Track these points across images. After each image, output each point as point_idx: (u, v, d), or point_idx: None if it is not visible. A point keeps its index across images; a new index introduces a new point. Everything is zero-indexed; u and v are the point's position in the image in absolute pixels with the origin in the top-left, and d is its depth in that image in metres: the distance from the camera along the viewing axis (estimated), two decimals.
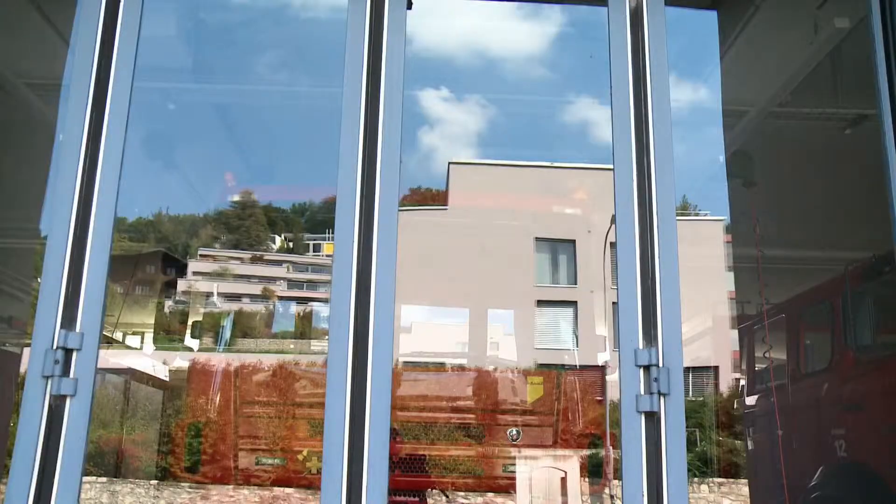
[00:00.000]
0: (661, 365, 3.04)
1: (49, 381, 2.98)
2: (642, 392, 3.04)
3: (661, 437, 2.99)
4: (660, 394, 3.01)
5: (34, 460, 2.92)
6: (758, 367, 7.22)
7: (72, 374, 3.00)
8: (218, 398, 10.74)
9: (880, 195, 3.48)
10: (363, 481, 2.95)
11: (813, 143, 5.81)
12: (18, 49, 5.06)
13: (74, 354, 3.02)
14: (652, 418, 3.01)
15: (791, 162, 6.03)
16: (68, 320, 3.06)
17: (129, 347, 13.89)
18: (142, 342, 14.27)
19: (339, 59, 3.44)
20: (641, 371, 3.05)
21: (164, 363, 13.42)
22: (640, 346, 3.08)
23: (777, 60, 5.33)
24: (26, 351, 3.30)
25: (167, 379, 12.71)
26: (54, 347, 3.01)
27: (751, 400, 7.46)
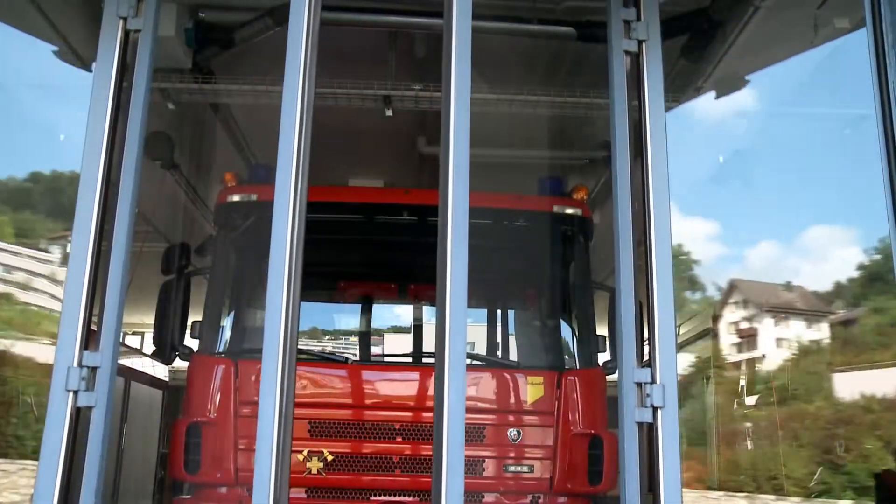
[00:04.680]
0: (657, 381, 3.24)
1: (72, 395, 3.18)
2: (637, 405, 3.24)
3: (658, 445, 3.19)
4: (654, 407, 3.21)
5: (58, 464, 3.11)
6: None
7: (94, 389, 3.21)
8: None
9: None
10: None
11: None
12: None
13: (96, 370, 3.23)
14: (648, 429, 3.22)
15: None
16: (89, 340, 3.26)
17: None
18: None
19: None
20: (637, 386, 3.27)
21: None
22: (637, 365, 3.30)
23: None
24: None
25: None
26: (76, 365, 3.21)
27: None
